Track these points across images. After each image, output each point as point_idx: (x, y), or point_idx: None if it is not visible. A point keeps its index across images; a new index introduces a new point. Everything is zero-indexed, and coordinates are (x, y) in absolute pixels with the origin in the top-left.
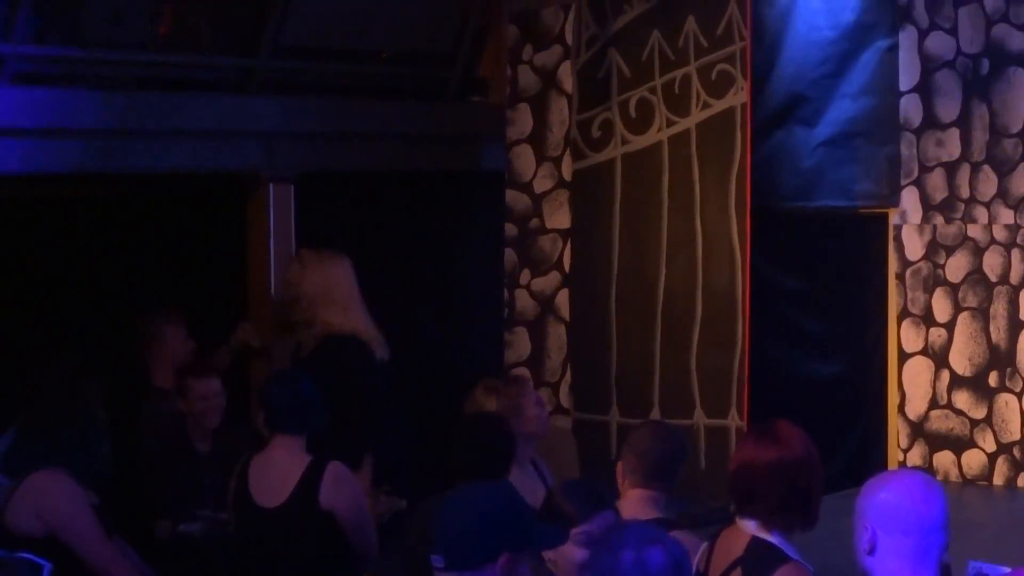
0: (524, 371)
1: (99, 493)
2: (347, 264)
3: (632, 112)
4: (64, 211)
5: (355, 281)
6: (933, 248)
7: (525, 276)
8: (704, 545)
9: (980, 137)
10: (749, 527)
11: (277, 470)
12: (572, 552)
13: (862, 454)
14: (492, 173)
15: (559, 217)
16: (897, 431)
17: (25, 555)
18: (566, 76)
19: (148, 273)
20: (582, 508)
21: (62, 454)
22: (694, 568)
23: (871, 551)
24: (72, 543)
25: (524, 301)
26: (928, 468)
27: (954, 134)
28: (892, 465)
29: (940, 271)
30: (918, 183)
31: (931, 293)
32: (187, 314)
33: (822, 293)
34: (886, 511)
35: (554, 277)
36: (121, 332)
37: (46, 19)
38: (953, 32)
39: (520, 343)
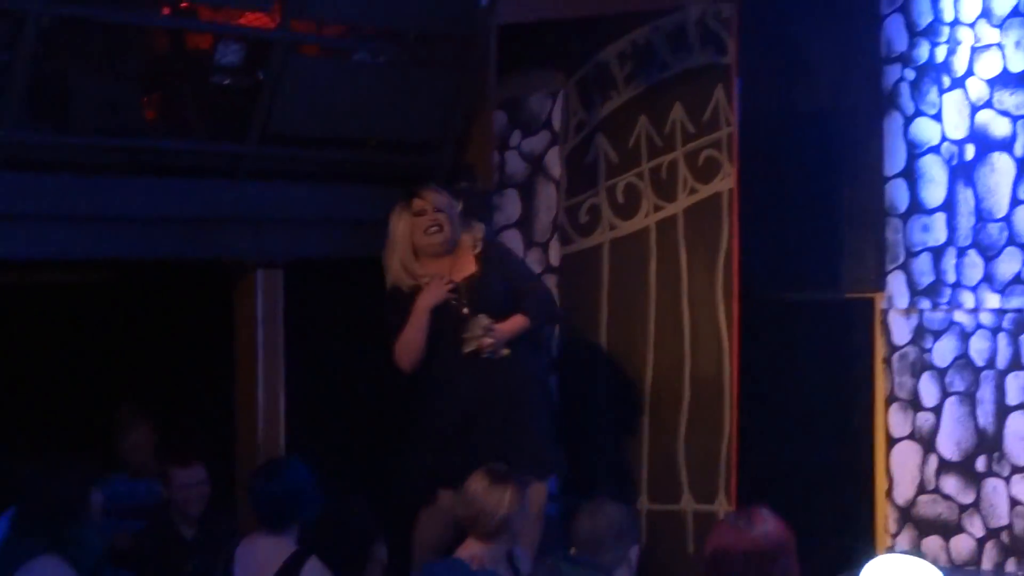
0: None
1: None
2: None
3: (620, 197)
4: (50, 297)
5: None
6: (920, 333)
7: None
8: None
9: (966, 222)
10: None
11: (260, 559)
12: None
13: (850, 540)
14: None
15: None
16: (885, 516)
17: None
18: (554, 162)
19: (134, 360)
20: None
21: (57, 544)
22: None
23: None
24: None
25: None
26: (917, 554)
27: (940, 219)
28: (881, 550)
29: (927, 356)
30: (905, 268)
31: (918, 378)
32: (172, 401)
33: (809, 378)
34: None
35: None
36: (102, 419)
37: (36, 105)
38: (938, 118)
39: None
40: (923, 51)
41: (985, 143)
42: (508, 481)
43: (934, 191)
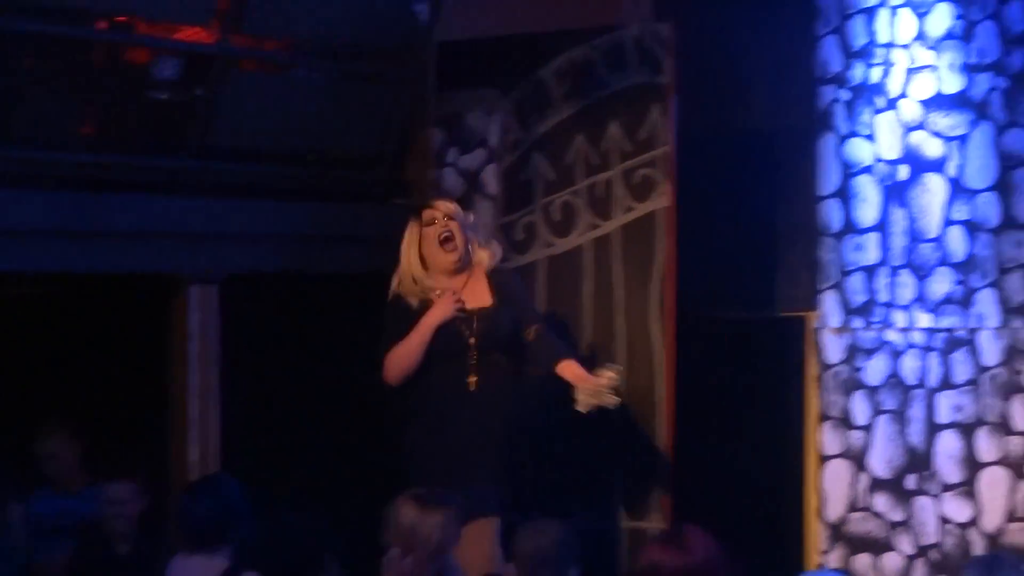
0: None
1: None
2: None
3: (556, 215)
4: None
5: None
6: (852, 351)
7: None
8: None
9: (899, 242)
10: None
11: None
12: None
13: (782, 557)
14: None
15: None
16: (816, 534)
17: None
18: (490, 179)
19: (67, 375)
20: None
21: None
22: None
23: None
24: None
25: None
26: (847, 571)
27: (873, 239)
28: (811, 568)
29: (859, 374)
30: (838, 287)
31: (850, 396)
32: (105, 416)
33: (743, 396)
34: None
35: None
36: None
37: None
38: (872, 139)
39: None
40: (858, 72)
41: (918, 164)
42: (438, 504)
43: (867, 211)
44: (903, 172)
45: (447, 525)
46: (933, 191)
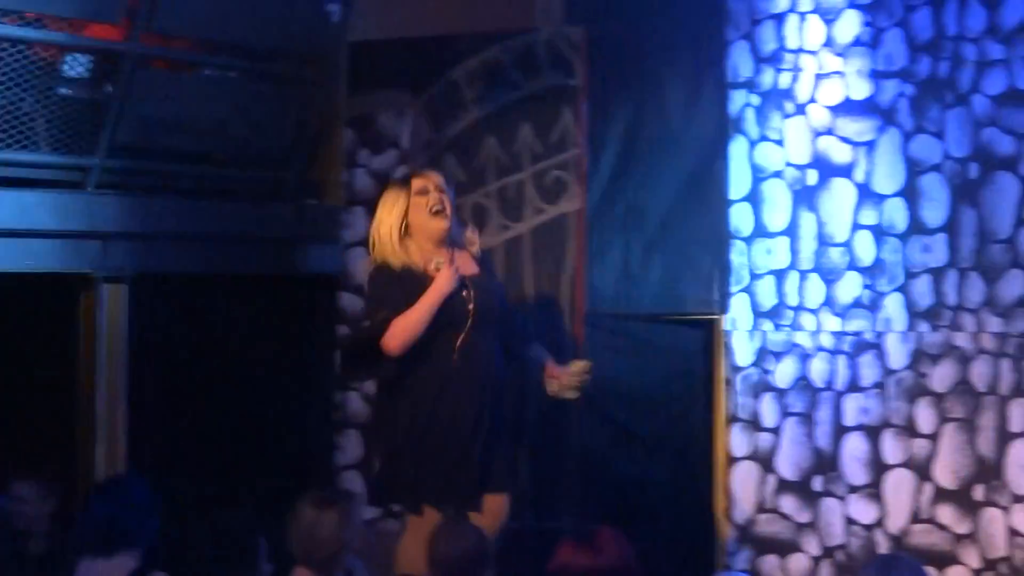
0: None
1: None
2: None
3: (467, 216)
4: None
5: None
6: (762, 354)
7: None
8: None
9: (808, 246)
10: None
11: None
12: None
13: (691, 558)
14: (326, 275)
15: None
16: (724, 535)
17: None
18: None
19: None
20: None
21: None
22: None
23: None
24: None
25: (356, 403)
26: (754, 572)
27: (783, 243)
28: (719, 568)
29: (768, 377)
30: (748, 290)
31: (759, 398)
32: (11, 415)
33: (653, 398)
34: None
35: None
36: None
37: None
38: (781, 143)
39: (352, 446)
40: (767, 77)
41: (827, 169)
42: (336, 505)
43: (777, 215)
44: (812, 177)
45: (346, 523)
46: (841, 196)
